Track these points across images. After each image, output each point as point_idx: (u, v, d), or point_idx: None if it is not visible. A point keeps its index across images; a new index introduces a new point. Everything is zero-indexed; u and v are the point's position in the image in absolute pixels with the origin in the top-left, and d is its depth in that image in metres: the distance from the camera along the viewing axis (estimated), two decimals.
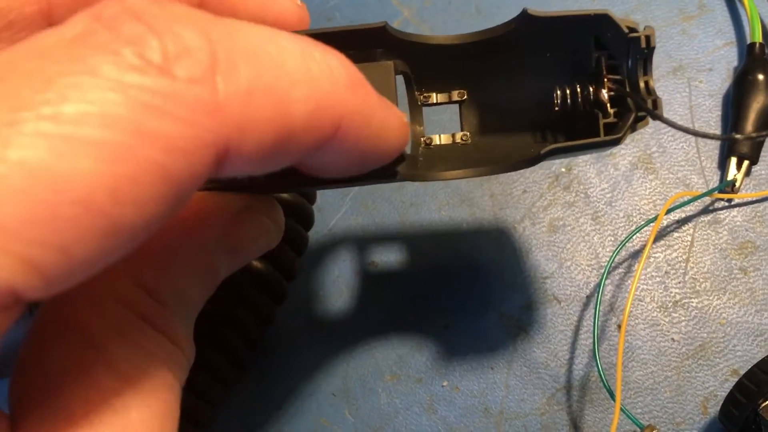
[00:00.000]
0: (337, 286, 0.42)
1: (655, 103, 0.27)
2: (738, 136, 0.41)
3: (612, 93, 0.28)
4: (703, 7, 0.46)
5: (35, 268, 0.15)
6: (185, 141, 0.16)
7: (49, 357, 0.20)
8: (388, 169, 0.27)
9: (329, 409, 0.40)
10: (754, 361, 0.35)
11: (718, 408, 0.36)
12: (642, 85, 0.27)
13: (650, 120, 0.27)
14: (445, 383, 0.39)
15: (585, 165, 0.43)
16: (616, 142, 0.27)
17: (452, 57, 0.30)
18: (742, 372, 0.35)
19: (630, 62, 0.27)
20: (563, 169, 0.43)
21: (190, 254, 0.24)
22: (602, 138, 0.27)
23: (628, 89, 0.27)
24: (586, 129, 0.29)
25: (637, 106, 0.27)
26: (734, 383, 0.34)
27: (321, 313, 0.41)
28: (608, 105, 0.28)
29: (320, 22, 0.48)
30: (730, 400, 0.34)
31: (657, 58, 0.45)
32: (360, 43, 0.28)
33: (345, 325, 0.41)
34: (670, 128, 0.43)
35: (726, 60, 0.44)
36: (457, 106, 0.32)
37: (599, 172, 0.43)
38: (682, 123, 0.43)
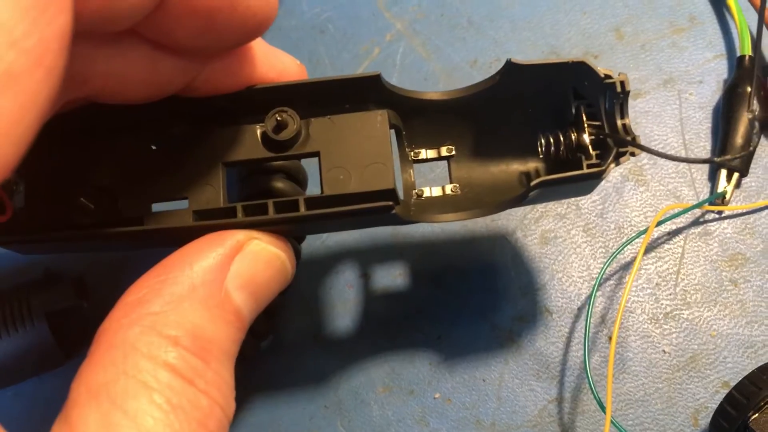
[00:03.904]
0: (330, 298, 0.42)
1: (634, 141, 0.28)
2: (717, 159, 0.41)
3: (593, 137, 0.29)
4: (693, 20, 0.46)
5: None
6: None
7: (80, 422, 0.21)
8: (386, 212, 0.28)
9: (322, 421, 0.40)
10: (745, 373, 0.35)
11: (709, 420, 0.36)
12: (620, 126, 0.28)
13: (630, 157, 0.28)
14: (437, 395, 0.39)
15: None
16: (599, 176, 0.28)
17: (442, 112, 0.32)
18: (733, 384, 0.35)
19: (607, 105, 0.29)
20: None
21: (205, 294, 0.24)
22: (586, 171, 0.28)
23: (607, 131, 0.29)
24: (568, 170, 0.29)
25: (618, 143, 0.28)
26: (725, 395, 0.35)
27: (314, 326, 0.42)
28: (590, 148, 0.29)
29: (313, 34, 0.49)
30: (721, 412, 0.35)
31: (647, 71, 0.45)
32: (355, 92, 0.29)
33: (337, 337, 0.41)
34: (661, 141, 0.43)
35: (716, 72, 0.45)
36: (445, 162, 0.33)
37: None
38: (673, 136, 0.43)
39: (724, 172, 0.41)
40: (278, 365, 0.41)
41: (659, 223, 0.41)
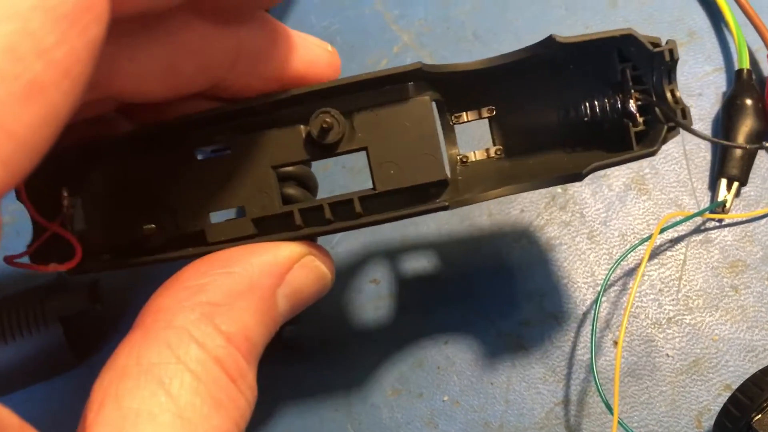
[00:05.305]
0: (339, 302, 0.43)
1: (684, 112, 0.28)
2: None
3: (640, 103, 0.29)
4: (692, 35, 0.48)
5: None
6: None
7: (126, 398, 0.21)
8: (438, 201, 0.28)
9: (332, 424, 0.40)
10: (746, 377, 0.36)
11: (712, 422, 0.37)
12: (669, 95, 0.28)
13: (679, 131, 0.28)
14: (445, 398, 0.40)
15: (580, 186, 0.44)
16: (651, 155, 0.28)
17: (480, 79, 0.31)
18: (735, 387, 0.36)
19: (655, 75, 0.28)
20: (559, 190, 0.44)
21: (260, 297, 0.25)
22: (638, 152, 0.28)
23: (654, 99, 0.28)
24: (614, 137, 0.29)
25: (667, 118, 0.28)
26: (727, 398, 0.35)
27: (323, 330, 0.42)
28: (637, 115, 0.29)
29: None
30: (724, 413, 0.35)
31: None
32: (394, 80, 0.29)
33: (347, 341, 0.42)
34: (662, 150, 0.44)
35: (715, 85, 0.46)
36: (487, 121, 0.33)
37: (594, 193, 0.44)
38: (673, 145, 0.45)
39: (724, 182, 0.42)
40: (287, 369, 0.42)
41: (662, 231, 0.42)
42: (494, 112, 0.32)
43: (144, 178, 0.29)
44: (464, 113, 0.32)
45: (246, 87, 0.28)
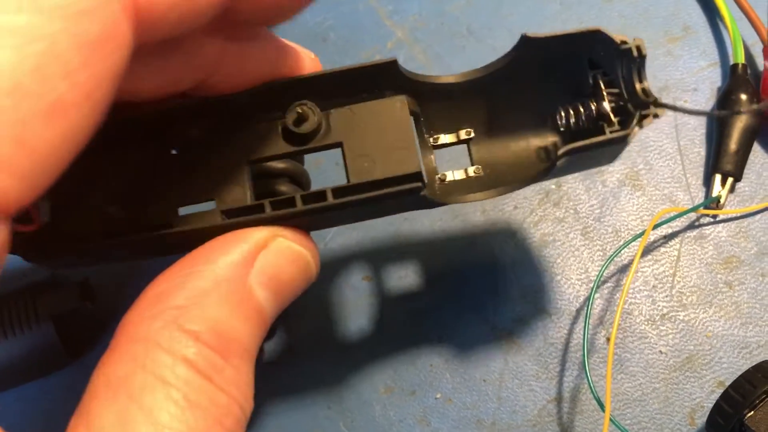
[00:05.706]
0: (332, 299, 0.43)
1: (656, 103, 0.28)
2: (742, 110, 0.42)
3: (613, 104, 0.29)
4: (687, 30, 0.47)
5: (5, 170, 0.17)
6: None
7: (97, 415, 0.21)
8: (415, 194, 0.28)
9: (325, 421, 0.40)
10: (740, 373, 0.36)
11: (705, 419, 0.36)
12: (640, 91, 0.28)
13: (653, 119, 0.28)
14: (438, 395, 0.40)
15: (574, 182, 0.44)
16: (624, 140, 0.28)
17: (458, 95, 0.32)
18: (728, 384, 0.36)
19: (625, 72, 0.28)
20: (553, 186, 0.44)
21: (229, 290, 0.24)
22: (611, 136, 0.28)
23: (626, 96, 0.28)
24: None
25: (639, 106, 0.28)
26: (721, 393, 0.35)
27: (316, 327, 0.42)
28: (611, 115, 0.29)
29: (315, 41, 0.49)
30: (717, 410, 0.35)
31: None
32: (371, 80, 0.29)
33: (340, 338, 0.42)
34: (656, 146, 0.44)
35: (710, 80, 0.46)
36: (465, 144, 0.33)
37: (588, 189, 0.44)
38: (668, 141, 0.44)
39: (718, 177, 0.42)
40: (280, 366, 0.41)
41: (655, 227, 0.42)
42: (472, 134, 0.33)
43: (116, 170, 0.29)
44: (443, 135, 0.33)
45: (232, 88, 0.28)
